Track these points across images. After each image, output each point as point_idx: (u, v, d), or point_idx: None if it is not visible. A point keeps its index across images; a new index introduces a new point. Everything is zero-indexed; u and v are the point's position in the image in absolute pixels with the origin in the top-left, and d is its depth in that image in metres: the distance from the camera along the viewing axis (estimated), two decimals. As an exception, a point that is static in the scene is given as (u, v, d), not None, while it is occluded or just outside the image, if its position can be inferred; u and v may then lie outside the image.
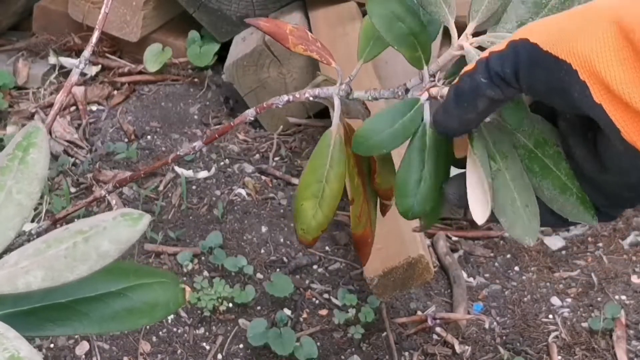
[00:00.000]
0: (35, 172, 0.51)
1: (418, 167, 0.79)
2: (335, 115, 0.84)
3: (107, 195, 0.76)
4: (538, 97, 0.71)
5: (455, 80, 0.73)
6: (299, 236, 0.88)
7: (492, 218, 0.76)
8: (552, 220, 0.78)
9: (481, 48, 0.77)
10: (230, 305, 1.78)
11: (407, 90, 0.82)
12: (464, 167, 0.79)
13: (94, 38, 1.00)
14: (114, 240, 0.47)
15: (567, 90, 0.65)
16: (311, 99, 0.86)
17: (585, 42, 0.64)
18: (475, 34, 0.79)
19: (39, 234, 1.72)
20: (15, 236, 0.49)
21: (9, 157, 0.52)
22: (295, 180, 2.06)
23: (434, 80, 0.79)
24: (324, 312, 1.79)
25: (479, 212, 0.75)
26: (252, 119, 0.88)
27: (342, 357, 1.71)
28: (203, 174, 2.09)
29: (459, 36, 0.79)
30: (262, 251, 1.90)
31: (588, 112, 0.65)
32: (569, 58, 0.64)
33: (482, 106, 0.71)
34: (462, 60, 0.80)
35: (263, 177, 2.08)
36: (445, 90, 0.77)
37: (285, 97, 0.86)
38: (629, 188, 0.72)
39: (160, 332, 1.73)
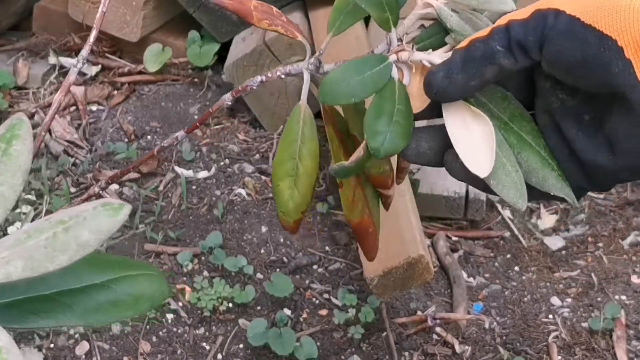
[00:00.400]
0: (19, 164, 0.51)
1: (390, 107, 0.76)
2: (304, 89, 0.84)
3: (100, 192, 0.76)
4: (557, 70, 0.70)
5: (463, 44, 0.72)
6: (281, 221, 0.87)
7: (480, 182, 0.75)
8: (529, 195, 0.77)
9: (453, 10, 0.77)
10: (230, 305, 1.77)
11: None
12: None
13: (92, 37, 1.00)
14: (94, 230, 0.47)
15: (603, 65, 0.66)
16: (283, 76, 0.85)
17: (637, 21, 0.64)
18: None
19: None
20: (-2, 228, 0.49)
21: (-9, 149, 0.52)
22: (295, 180, 2.05)
23: (401, 44, 0.79)
24: (324, 312, 1.79)
25: (481, 165, 0.73)
26: (230, 103, 0.88)
27: (342, 357, 1.71)
28: (203, 174, 2.08)
29: None
30: (262, 251, 1.90)
31: (625, 89, 0.65)
32: (615, 34, 0.65)
33: (489, 74, 0.71)
34: (434, 27, 0.79)
35: (263, 177, 2.08)
36: (416, 55, 0.77)
37: (259, 78, 0.86)
38: (633, 170, 0.72)
39: (160, 332, 1.73)
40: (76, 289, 0.55)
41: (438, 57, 0.75)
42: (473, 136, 0.74)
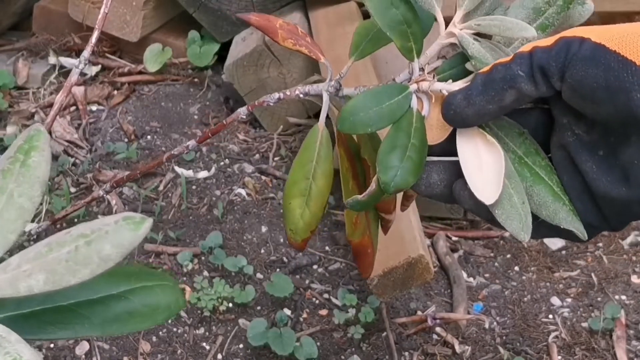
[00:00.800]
0: (37, 175, 0.51)
1: (404, 141, 0.76)
2: (323, 111, 0.84)
3: (105, 195, 0.76)
4: (579, 96, 0.69)
5: (485, 69, 0.72)
6: (289, 238, 0.87)
7: (486, 212, 0.75)
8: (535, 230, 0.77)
9: (479, 34, 0.77)
10: (230, 305, 1.78)
11: None
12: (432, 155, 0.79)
13: (94, 38, 1.00)
14: (115, 244, 0.47)
15: (625, 90, 0.65)
16: (301, 96, 0.85)
17: None
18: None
19: (38, 235, 1.71)
20: (16, 239, 0.49)
21: (11, 160, 0.52)
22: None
23: (423, 74, 0.79)
24: (324, 312, 1.79)
25: (488, 193, 0.74)
26: (244, 117, 0.88)
27: (342, 357, 1.71)
28: (203, 174, 2.09)
29: (446, 26, 0.79)
30: (262, 251, 1.90)
31: None
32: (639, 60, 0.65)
33: (508, 99, 0.71)
34: (456, 58, 0.79)
35: (263, 177, 2.08)
36: (436, 85, 0.77)
37: (276, 95, 0.86)
38: None
39: (160, 332, 1.73)
40: (94, 299, 0.55)
41: (458, 87, 0.75)
42: (483, 163, 0.74)
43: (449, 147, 0.77)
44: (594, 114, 0.70)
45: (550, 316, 1.80)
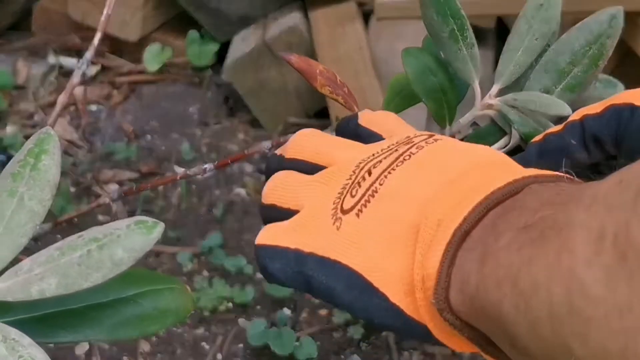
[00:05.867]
0: (47, 178, 0.52)
1: None
2: None
3: (111, 202, 0.77)
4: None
5: (537, 138, 0.72)
6: None
7: None
8: None
9: (512, 107, 0.77)
10: (230, 305, 1.78)
11: None
12: None
13: (96, 40, 1.00)
14: (128, 248, 0.47)
15: None
16: None
17: None
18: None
19: (39, 236, 1.71)
20: (27, 243, 0.50)
21: (21, 164, 0.52)
22: (294, 180, 2.06)
23: None
24: (323, 312, 1.79)
25: None
26: (267, 151, 0.88)
27: (342, 357, 1.72)
28: (203, 173, 2.09)
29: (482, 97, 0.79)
30: (262, 251, 1.90)
31: None
32: None
33: (565, 166, 0.70)
34: (488, 127, 0.79)
35: (263, 177, 2.08)
36: None
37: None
38: None
39: (160, 332, 1.73)
40: (104, 303, 0.56)
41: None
42: None
43: None
44: None
45: (550, 316, 1.81)
